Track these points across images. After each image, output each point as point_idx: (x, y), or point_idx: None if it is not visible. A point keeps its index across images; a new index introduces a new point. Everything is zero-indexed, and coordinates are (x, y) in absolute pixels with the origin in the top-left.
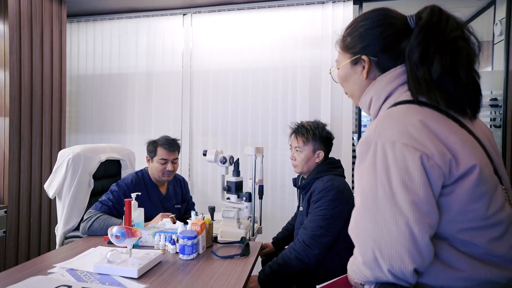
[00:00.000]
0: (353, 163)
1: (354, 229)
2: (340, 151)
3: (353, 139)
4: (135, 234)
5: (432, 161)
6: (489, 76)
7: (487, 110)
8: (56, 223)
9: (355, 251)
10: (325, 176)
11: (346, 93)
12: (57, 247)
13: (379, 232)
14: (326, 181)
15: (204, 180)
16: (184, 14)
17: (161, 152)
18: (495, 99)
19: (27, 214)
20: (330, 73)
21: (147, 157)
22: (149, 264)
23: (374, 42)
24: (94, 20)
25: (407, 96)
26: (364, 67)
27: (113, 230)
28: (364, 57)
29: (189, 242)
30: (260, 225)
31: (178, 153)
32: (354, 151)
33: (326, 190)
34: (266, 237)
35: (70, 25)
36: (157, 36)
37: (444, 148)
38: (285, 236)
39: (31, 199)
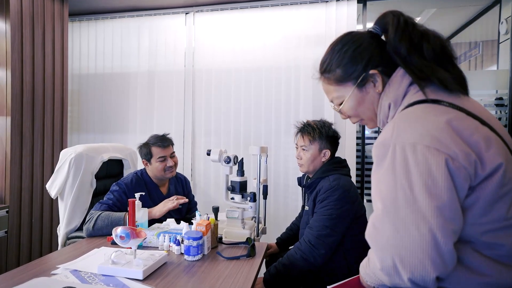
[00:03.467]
0: (357, 162)
1: (372, 234)
2: (344, 151)
3: (357, 138)
4: (139, 235)
5: (457, 163)
6: (494, 75)
7: (492, 110)
8: (58, 223)
9: (372, 255)
10: (331, 176)
11: (361, 120)
12: (59, 247)
13: (399, 239)
14: (332, 180)
15: (206, 180)
16: (186, 13)
17: (156, 151)
18: (501, 98)
19: (28, 214)
20: (338, 110)
21: (143, 161)
22: (154, 265)
23: (368, 55)
24: (96, 19)
25: (419, 96)
26: (375, 81)
27: (118, 231)
28: (372, 71)
29: (195, 243)
30: (264, 225)
31: (173, 147)
32: (358, 150)
33: (332, 189)
34: (270, 237)
35: (71, 24)
36: (159, 35)
37: (468, 148)
38: (289, 236)
39: (33, 199)
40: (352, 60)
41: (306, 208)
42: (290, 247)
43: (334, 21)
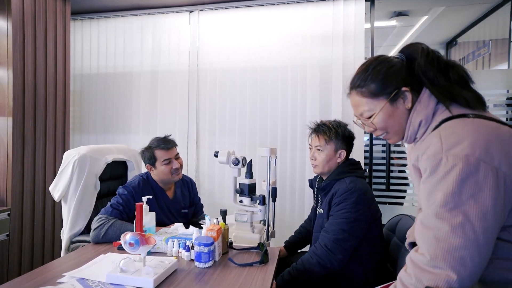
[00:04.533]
0: (365, 163)
1: (422, 232)
2: (351, 152)
3: (365, 140)
4: (149, 241)
5: (502, 172)
6: (505, 75)
7: (503, 109)
8: (61, 226)
9: (417, 254)
10: (347, 178)
11: (385, 134)
12: (62, 251)
13: (447, 237)
14: (349, 182)
15: (211, 181)
16: (190, 12)
17: (160, 154)
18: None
19: (30, 217)
20: (371, 121)
21: (147, 166)
22: (164, 273)
23: (402, 74)
24: (98, 18)
25: (449, 113)
26: (405, 98)
27: (127, 237)
28: (404, 88)
29: (206, 249)
30: (274, 228)
31: (176, 148)
32: (366, 151)
33: (349, 192)
34: (277, 240)
35: (74, 23)
36: (163, 34)
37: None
38: (298, 239)
39: (35, 201)
40: (387, 77)
41: (321, 211)
42: (299, 251)
43: (342, 20)
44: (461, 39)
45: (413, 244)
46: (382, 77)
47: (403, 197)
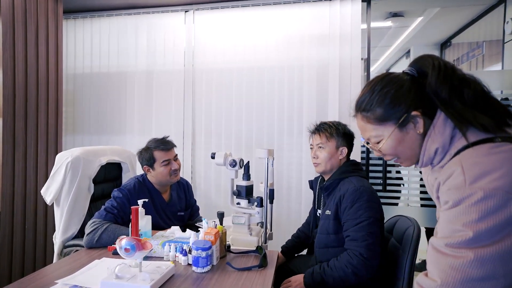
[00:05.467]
0: (362, 165)
1: (435, 258)
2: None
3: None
4: (145, 246)
5: None
6: (500, 75)
7: None
8: (53, 230)
9: (427, 279)
10: (352, 177)
11: (397, 159)
12: (55, 256)
13: (462, 267)
14: (356, 182)
15: (207, 182)
16: (186, 11)
17: (159, 155)
18: (506, 99)
19: (21, 221)
20: (379, 148)
21: (145, 167)
22: (161, 279)
23: (411, 97)
24: (91, 17)
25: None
26: (416, 122)
27: (122, 243)
28: (414, 112)
29: (203, 254)
30: (271, 231)
31: (175, 149)
32: (363, 152)
33: (359, 191)
34: (274, 243)
35: (66, 22)
36: (158, 34)
37: None
38: (295, 244)
39: (26, 205)
40: (394, 100)
41: (328, 212)
42: (296, 254)
43: (338, 20)
44: (456, 40)
45: None
46: (389, 100)
47: (398, 198)
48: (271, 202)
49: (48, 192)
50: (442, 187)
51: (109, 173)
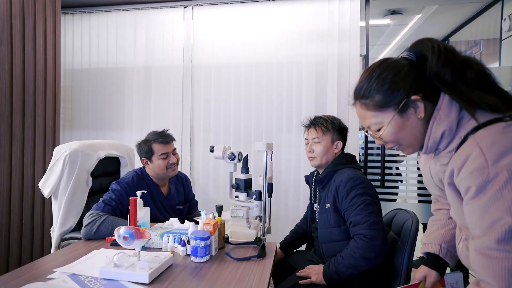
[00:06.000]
0: (361, 161)
1: (485, 264)
2: (346, 147)
3: (360, 136)
4: (144, 235)
5: None
6: (497, 73)
7: None
8: (50, 224)
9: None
10: (345, 169)
11: (398, 146)
12: (52, 249)
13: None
14: (350, 172)
15: (205, 177)
16: (185, 7)
17: (157, 148)
18: None
19: (19, 214)
20: (380, 135)
21: (143, 159)
22: (160, 267)
23: (410, 81)
24: (90, 12)
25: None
26: (416, 107)
27: (121, 231)
28: (414, 97)
29: (202, 244)
30: (269, 224)
31: (174, 143)
32: (361, 148)
33: (354, 179)
34: (273, 236)
35: (64, 17)
36: (157, 30)
37: None
38: (294, 239)
39: (23, 198)
40: (393, 86)
41: (327, 206)
42: (295, 250)
43: (337, 17)
44: (453, 38)
45: (428, 254)
46: (388, 86)
47: (396, 194)
48: (270, 196)
49: (46, 185)
50: (461, 172)
51: (108, 167)
